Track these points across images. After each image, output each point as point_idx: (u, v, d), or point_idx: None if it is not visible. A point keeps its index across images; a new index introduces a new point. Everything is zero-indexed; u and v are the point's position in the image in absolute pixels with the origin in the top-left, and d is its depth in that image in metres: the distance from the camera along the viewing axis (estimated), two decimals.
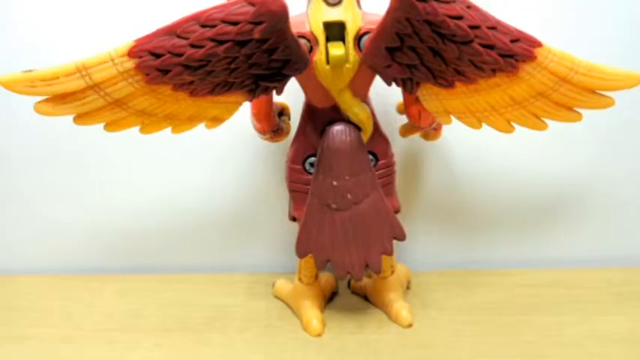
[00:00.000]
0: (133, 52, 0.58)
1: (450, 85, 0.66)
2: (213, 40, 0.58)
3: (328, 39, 0.68)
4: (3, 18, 0.95)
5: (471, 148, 0.98)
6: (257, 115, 0.77)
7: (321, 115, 0.74)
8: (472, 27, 0.59)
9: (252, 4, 0.57)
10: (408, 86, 0.68)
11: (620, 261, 1.00)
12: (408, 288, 0.91)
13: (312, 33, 0.67)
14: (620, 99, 0.63)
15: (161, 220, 1.03)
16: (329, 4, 0.67)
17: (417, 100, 0.71)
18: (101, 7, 0.95)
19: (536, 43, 0.61)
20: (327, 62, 0.67)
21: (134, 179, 1.01)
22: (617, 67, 0.61)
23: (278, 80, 0.66)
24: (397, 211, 0.78)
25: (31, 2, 0.95)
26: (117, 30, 0.87)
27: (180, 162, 1.00)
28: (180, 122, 0.67)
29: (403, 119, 0.83)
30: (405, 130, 0.85)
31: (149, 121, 0.65)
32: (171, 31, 0.58)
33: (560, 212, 1.01)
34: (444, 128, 0.86)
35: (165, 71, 0.60)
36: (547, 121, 0.67)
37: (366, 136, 0.74)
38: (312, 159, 0.75)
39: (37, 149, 1.01)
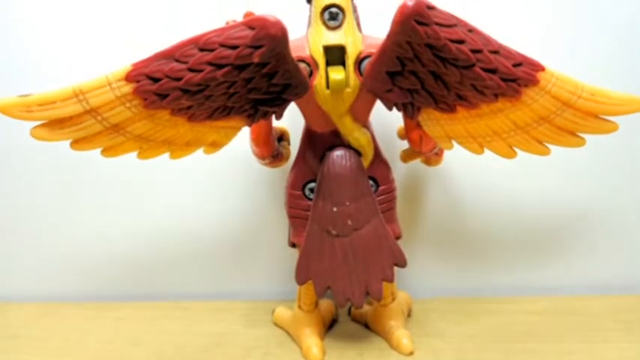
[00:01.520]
0: (130, 76, 0.58)
1: (451, 109, 0.65)
2: (211, 64, 0.58)
3: (328, 63, 0.67)
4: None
5: (472, 174, 0.97)
6: (256, 140, 0.77)
7: (321, 140, 0.73)
8: (474, 51, 0.58)
9: (252, 28, 0.57)
10: (409, 111, 0.67)
11: (625, 288, 0.99)
12: (409, 315, 0.90)
13: (312, 57, 0.67)
14: (623, 124, 0.63)
15: (159, 247, 1.02)
16: (329, 28, 0.67)
17: (418, 125, 0.71)
18: (99, 29, 0.95)
19: (539, 67, 0.60)
20: (328, 86, 0.67)
21: (132, 206, 1.01)
22: (620, 91, 0.61)
23: (277, 105, 0.66)
24: (398, 238, 0.77)
25: (28, 23, 0.95)
26: (114, 53, 0.87)
27: (178, 188, 0.99)
28: (179, 148, 0.67)
29: (404, 144, 0.83)
30: (406, 156, 0.84)
31: (147, 146, 0.64)
32: (170, 54, 0.58)
33: (563, 239, 1.00)
34: (446, 153, 0.85)
35: (163, 96, 0.59)
36: (550, 146, 0.66)
37: (366, 162, 0.73)
38: (312, 184, 0.74)
39: (33, 177, 1.00)
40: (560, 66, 0.62)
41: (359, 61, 0.67)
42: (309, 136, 0.76)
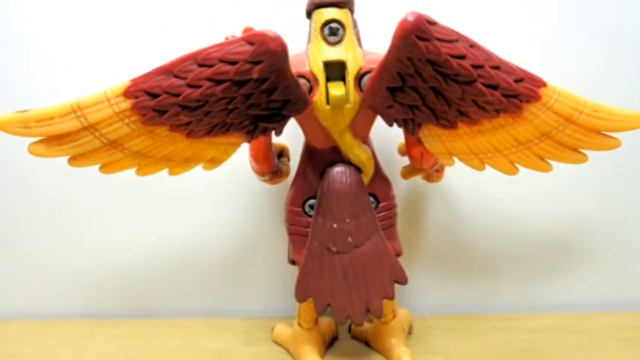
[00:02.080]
0: (129, 92, 0.58)
1: (452, 126, 0.65)
2: (210, 79, 0.58)
3: (328, 79, 0.67)
4: None
5: (474, 190, 0.97)
6: (256, 157, 0.76)
7: (321, 156, 0.73)
8: (475, 66, 0.58)
9: (251, 43, 0.56)
10: (410, 127, 0.67)
11: (627, 305, 0.98)
12: (409, 333, 0.89)
13: (312, 72, 0.67)
14: (626, 140, 0.63)
15: (158, 264, 1.01)
16: (329, 43, 0.67)
17: (419, 141, 0.70)
18: (97, 43, 0.95)
19: (541, 83, 0.60)
20: (328, 102, 0.67)
21: (130, 223, 1.00)
22: (622, 107, 0.61)
23: (277, 121, 0.65)
24: (399, 255, 0.76)
25: (26, 40, 0.95)
26: (112, 68, 0.87)
27: (177, 205, 0.99)
28: (177, 164, 0.66)
29: (405, 161, 0.82)
30: (407, 172, 0.84)
31: (145, 162, 0.64)
32: (168, 70, 0.58)
33: (565, 256, 1.00)
34: (447, 170, 0.85)
35: (162, 112, 0.59)
36: (552, 162, 0.66)
37: (366, 178, 0.73)
38: (312, 201, 0.74)
39: (31, 194, 1.00)
40: (561, 82, 0.61)
41: (359, 77, 0.67)
42: (309, 152, 0.75)
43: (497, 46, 0.61)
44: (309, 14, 0.70)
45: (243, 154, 0.73)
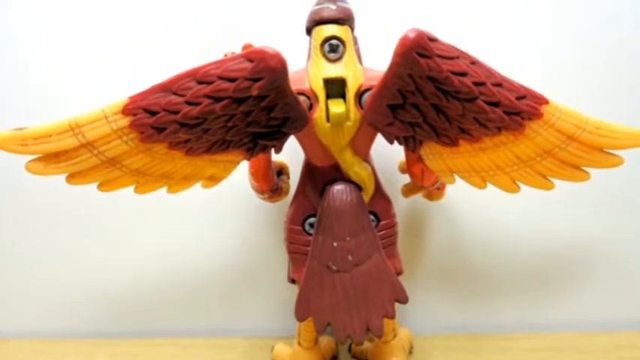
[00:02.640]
0: (127, 110, 0.57)
1: (453, 143, 0.64)
2: (209, 97, 0.57)
3: (328, 96, 0.67)
4: None
5: (475, 208, 0.97)
6: (255, 175, 0.76)
7: (321, 174, 0.73)
8: (477, 84, 0.58)
9: (251, 60, 0.56)
10: (411, 145, 0.66)
11: (630, 325, 0.98)
12: (410, 352, 0.88)
13: (311, 90, 0.66)
14: (629, 158, 0.62)
15: (155, 283, 1.01)
16: (329, 60, 0.67)
17: (420, 158, 0.70)
18: (94, 60, 0.95)
19: (543, 100, 0.60)
20: (328, 120, 0.66)
21: (128, 240, 1.00)
22: (625, 125, 0.60)
23: (277, 138, 0.65)
24: (399, 273, 0.76)
25: (23, 57, 0.95)
26: (111, 86, 0.87)
27: (176, 222, 0.99)
28: (176, 182, 0.66)
29: (405, 178, 0.82)
30: (408, 190, 0.84)
31: (144, 180, 0.64)
32: (167, 87, 0.57)
33: (567, 274, 0.99)
34: (448, 187, 0.84)
35: (160, 129, 0.58)
36: (554, 180, 0.65)
37: (367, 196, 0.73)
38: (312, 219, 0.73)
39: (29, 212, 1.00)
40: (563, 99, 0.61)
41: (360, 94, 0.66)
42: (308, 170, 0.75)
43: (497, 63, 0.61)
44: (308, 31, 0.70)
45: (242, 171, 0.73)
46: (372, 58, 0.71)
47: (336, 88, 0.67)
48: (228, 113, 0.59)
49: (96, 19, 0.95)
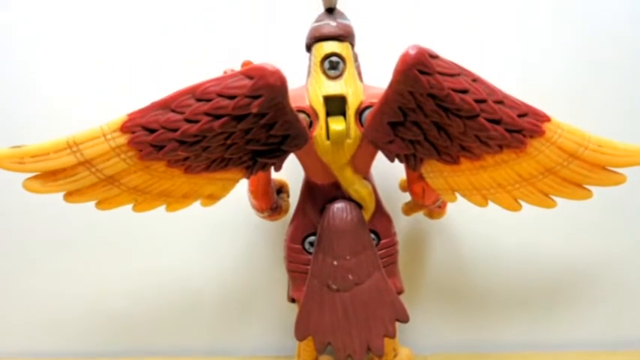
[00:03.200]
0: (125, 127, 0.57)
1: (454, 161, 0.64)
2: (209, 114, 0.57)
3: (328, 113, 0.66)
4: None
5: (476, 227, 0.96)
6: (255, 193, 0.76)
7: (321, 192, 0.72)
8: (478, 101, 0.57)
9: (250, 77, 0.56)
10: (412, 162, 0.66)
11: (633, 344, 0.97)
12: None
13: (311, 107, 0.66)
14: (631, 175, 0.62)
15: (154, 301, 1.00)
16: (329, 77, 0.67)
17: (421, 176, 0.70)
18: (92, 77, 0.94)
19: (545, 118, 0.60)
20: (328, 138, 0.66)
21: (125, 259, 0.99)
22: (628, 142, 0.60)
23: (276, 156, 0.64)
24: (400, 292, 0.75)
25: (20, 80, 0.94)
26: (109, 103, 0.87)
27: (174, 241, 0.98)
28: (175, 200, 0.65)
29: (406, 197, 0.82)
30: (409, 208, 0.83)
31: (142, 198, 0.63)
32: (166, 105, 0.57)
33: (570, 293, 0.99)
34: (449, 206, 0.84)
35: (159, 147, 0.58)
36: (556, 198, 0.65)
37: (367, 214, 0.72)
38: (312, 238, 0.73)
39: (26, 231, 0.99)
40: (565, 116, 0.61)
41: (360, 112, 0.66)
42: (308, 188, 0.74)
43: (497, 79, 0.61)
44: (308, 48, 0.70)
45: (241, 190, 0.72)
46: (373, 75, 0.70)
47: (336, 105, 0.66)
48: (227, 131, 0.59)
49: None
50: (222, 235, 0.98)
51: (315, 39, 0.68)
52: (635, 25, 0.93)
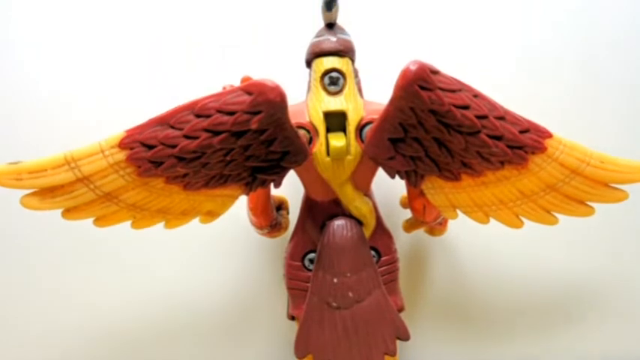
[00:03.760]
0: (124, 143, 0.57)
1: (455, 177, 0.64)
2: (208, 130, 0.57)
3: (329, 129, 0.66)
4: None
5: (478, 244, 0.96)
6: (254, 210, 0.75)
7: (321, 209, 0.72)
8: (479, 117, 0.57)
9: (249, 93, 0.56)
10: (412, 179, 0.66)
11: None
12: None
13: (311, 123, 0.66)
14: (634, 192, 0.62)
15: (152, 320, 0.99)
16: (329, 93, 0.66)
17: (422, 193, 0.69)
18: (89, 94, 0.94)
19: (546, 134, 0.59)
20: (328, 154, 0.66)
21: (121, 278, 0.98)
22: (630, 159, 0.60)
23: (276, 173, 0.64)
24: (401, 310, 0.75)
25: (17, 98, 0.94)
26: (107, 119, 0.87)
27: (172, 259, 0.97)
28: (174, 217, 0.65)
29: (407, 213, 0.81)
30: (409, 225, 0.83)
31: (141, 215, 0.63)
32: (164, 121, 0.57)
33: (572, 310, 0.98)
34: (450, 223, 0.84)
35: (157, 163, 0.58)
36: (558, 215, 0.65)
37: (368, 231, 0.72)
38: (312, 255, 0.73)
39: (22, 248, 0.98)
40: (567, 132, 0.61)
41: (360, 128, 0.66)
42: (308, 205, 0.74)
43: (497, 96, 0.61)
44: (308, 63, 0.70)
45: (241, 206, 0.72)
46: (373, 90, 0.70)
47: (336, 121, 0.66)
48: (226, 147, 0.58)
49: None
50: (221, 252, 0.97)
51: (315, 54, 0.68)
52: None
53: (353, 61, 0.69)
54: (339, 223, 0.70)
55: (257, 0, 0.93)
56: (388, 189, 0.83)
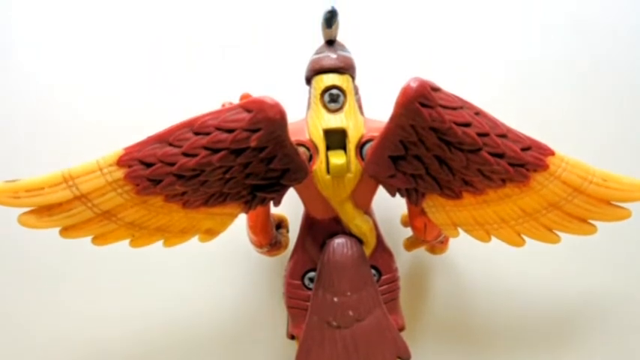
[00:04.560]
0: (122, 161, 0.56)
1: (457, 196, 0.63)
2: (207, 148, 0.57)
3: (329, 147, 0.66)
4: None
5: (479, 263, 0.95)
6: (253, 228, 0.75)
7: (321, 228, 0.72)
8: (481, 134, 0.57)
9: (249, 111, 0.55)
10: (413, 197, 0.65)
11: None
12: None
13: (311, 141, 0.66)
14: (637, 211, 0.61)
15: (149, 339, 0.99)
16: (329, 110, 0.66)
17: (423, 211, 0.69)
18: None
19: (548, 151, 0.59)
20: (328, 172, 0.65)
21: (119, 298, 0.97)
22: (633, 177, 0.60)
23: (276, 191, 0.64)
24: (402, 329, 0.74)
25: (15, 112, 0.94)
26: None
27: (171, 277, 0.97)
28: (173, 235, 0.65)
29: (407, 232, 0.81)
30: (410, 244, 0.82)
31: (139, 234, 0.63)
32: (163, 138, 0.57)
33: (575, 331, 0.97)
34: (451, 241, 0.83)
35: (156, 181, 0.58)
36: (560, 233, 0.64)
37: (368, 250, 0.72)
38: (312, 274, 0.72)
39: (18, 264, 0.98)
40: (569, 150, 0.60)
41: (361, 145, 0.66)
42: (308, 223, 0.74)
43: (498, 114, 0.60)
44: (308, 80, 0.69)
45: (240, 225, 0.72)
46: (374, 108, 0.70)
47: (336, 139, 0.66)
48: (225, 165, 0.58)
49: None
50: (220, 270, 0.97)
51: (314, 71, 0.68)
52: None
53: (353, 78, 0.69)
54: (339, 241, 0.69)
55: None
56: (388, 207, 0.82)
